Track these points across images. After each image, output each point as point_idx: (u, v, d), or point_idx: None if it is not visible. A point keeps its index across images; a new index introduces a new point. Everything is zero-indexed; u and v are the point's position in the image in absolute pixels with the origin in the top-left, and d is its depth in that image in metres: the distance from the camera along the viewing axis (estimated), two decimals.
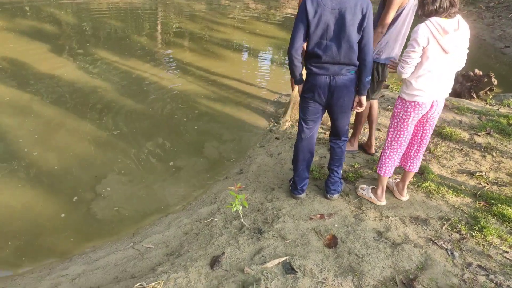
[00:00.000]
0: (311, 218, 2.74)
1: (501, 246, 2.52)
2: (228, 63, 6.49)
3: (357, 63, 2.47)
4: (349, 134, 3.56)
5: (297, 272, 2.20)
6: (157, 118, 4.45)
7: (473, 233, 2.61)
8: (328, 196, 2.95)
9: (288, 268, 2.24)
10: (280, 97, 5.37)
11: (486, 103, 5.38)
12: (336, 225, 2.66)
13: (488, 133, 4.17)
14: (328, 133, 4.22)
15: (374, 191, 2.93)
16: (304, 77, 2.66)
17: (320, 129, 4.33)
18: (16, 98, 4.62)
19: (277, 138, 4.18)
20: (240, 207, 2.50)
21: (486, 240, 2.56)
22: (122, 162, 3.61)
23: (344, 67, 2.47)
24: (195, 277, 2.14)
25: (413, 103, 2.50)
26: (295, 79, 2.65)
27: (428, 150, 3.80)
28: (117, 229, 2.83)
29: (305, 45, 2.52)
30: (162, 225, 2.83)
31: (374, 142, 3.68)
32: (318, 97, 2.58)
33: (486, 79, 5.52)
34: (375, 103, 3.50)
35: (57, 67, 5.59)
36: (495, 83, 5.50)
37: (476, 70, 5.71)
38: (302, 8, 2.37)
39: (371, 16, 2.38)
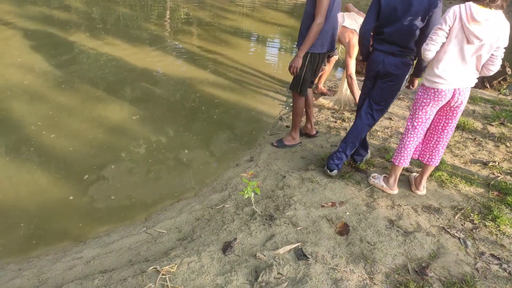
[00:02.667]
0: (323, 206, 2.74)
1: None
2: (237, 50, 6.45)
3: (413, 47, 2.68)
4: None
5: (309, 258, 2.21)
6: (170, 106, 4.44)
7: (486, 222, 2.60)
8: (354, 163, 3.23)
9: (300, 254, 2.25)
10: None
11: (500, 93, 5.30)
12: (347, 213, 2.66)
13: (501, 123, 4.12)
14: (339, 121, 4.20)
15: (386, 179, 2.92)
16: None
17: (331, 117, 4.30)
18: (34, 83, 4.65)
19: (287, 126, 4.16)
20: (252, 194, 2.50)
21: (499, 230, 2.54)
22: (135, 148, 3.63)
23: (399, 48, 2.70)
24: (208, 262, 2.16)
25: (433, 90, 2.46)
26: (363, 56, 2.97)
27: None
28: (130, 214, 2.85)
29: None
30: (174, 211, 2.85)
31: (313, 124, 3.81)
32: (370, 72, 2.88)
33: (500, 69, 5.43)
34: (310, 90, 3.59)
35: (65, 53, 5.59)
36: (510, 72, 5.42)
37: None
38: None
39: (439, 7, 2.54)
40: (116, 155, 3.49)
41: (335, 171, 3.05)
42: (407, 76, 2.85)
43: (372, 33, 2.83)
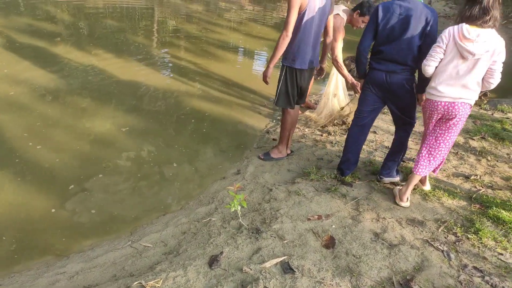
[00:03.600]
0: (309, 219, 2.75)
1: (496, 248, 2.55)
2: (224, 64, 6.51)
3: (413, 64, 2.78)
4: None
5: (295, 272, 2.21)
6: (156, 118, 4.43)
7: (468, 235, 2.65)
8: (378, 177, 3.23)
9: (287, 268, 2.25)
10: None
11: (481, 108, 5.45)
12: (333, 226, 2.68)
13: (482, 137, 4.23)
14: (325, 135, 4.25)
15: (400, 190, 2.98)
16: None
17: (317, 131, 4.35)
18: (20, 94, 4.59)
19: (274, 139, 4.19)
20: (239, 207, 2.50)
21: (482, 242, 2.59)
22: (122, 160, 3.60)
23: (400, 66, 2.79)
24: (194, 276, 2.14)
25: (430, 101, 2.65)
26: (359, 73, 3.05)
27: None
28: (115, 228, 2.82)
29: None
30: (160, 224, 2.83)
31: (289, 144, 3.78)
32: (374, 90, 2.95)
33: None
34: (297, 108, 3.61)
35: (53, 65, 5.55)
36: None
37: None
38: (374, 12, 2.80)
39: (435, 25, 2.69)
40: (102, 167, 3.46)
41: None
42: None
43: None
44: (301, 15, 3.03)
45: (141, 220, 2.92)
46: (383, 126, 4.44)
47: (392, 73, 2.82)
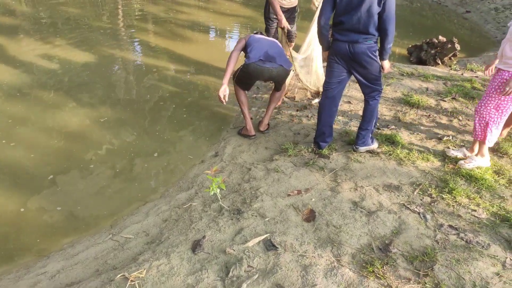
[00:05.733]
0: (289, 195, 2.78)
1: (470, 205, 2.64)
2: (195, 45, 6.36)
3: (375, 32, 2.78)
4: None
5: (278, 248, 2.24)
6: (128, 106, 4.32)
7: (443, 195, 2.73)
8: (354, 147, 3.25)
9: (269, 245, 2.28)
10: None
11: (451, 69, 5.54)
12: (313, 199, 2.71)
13: (453, 98, 4.31)
14: (300, 109, 4.25)
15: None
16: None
17: (292, 106, 4.35)
18: None
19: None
20: (218, 190, 2.50)
21: (456, 201, 2.68)
22: (98, 152, 3.51)
23: (362, 35, 2.79)
24: (178, 263, 2.15)
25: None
26: (323, 46, 3.11)
27: (398, 118, 3.90)
28: (95, 222, 2.78)
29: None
30: (140, 214, 2.80)
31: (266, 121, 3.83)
32: (340, 61, 2.97)
33: (449, 45, 5.66)
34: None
35: (17, 61, 5.31)
36: (458, 48, 5.65)
37: (440, 37, 5.84)
38: None
39: None
40: (77, 161, 3.37)
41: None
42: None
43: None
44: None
45: (121, 212, 2.89)
46: (357, 95, 4.46)
47: (355, 43, 2.83)
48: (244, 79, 3.57)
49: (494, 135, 2.98)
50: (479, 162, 3.04)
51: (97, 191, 3.07)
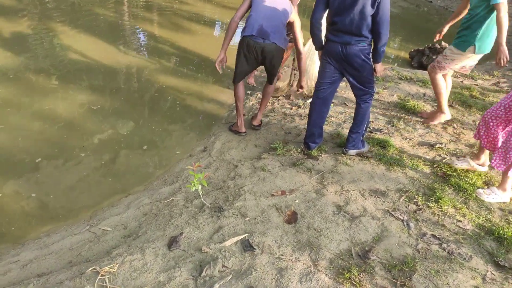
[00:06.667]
0: (273, 195, 2.73)
1: (455, 215, 2.59)
2: (197, 37, 6.30)
3: (368, 35, 2.73)
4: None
5: (255, 249, 2.20)
6: (125, 96, 4.27)
7: (429, 203, 2.67)
8: (344, 150, 3.19)
9: (247, 246, 2.23)
10: None
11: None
12: (297, 201, 2.66)
13: (450, 105, 4.24)
14: (294, 108, 4.19)
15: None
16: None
17: (286, 104, 4.29)
18: None
19: (244, 115, 4.11)
20: (200, 186, 2.46)
21: (442, 210, 2.62)
22: (85, 140, 3.47)
23: (355, 37, 2.74)
24: (152, 259, 2.11)
25: None
26: (316, 45, 3.03)
27: (392, 123, 3.84)
28: (74, 212, 2.73)
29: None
30: (121, 207, 2.76)
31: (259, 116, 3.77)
32: (332, 62, 2.93)
33: None
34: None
35: (16, 40, 5.25)
36: None
37: (443, 43, 5.76)
38: None
39: None
40: (63, 148, 3.32)
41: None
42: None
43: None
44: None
45: (102, 203, 2.84)
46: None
47: (348, 45, 2.79)
48: (237, 59, 3.46)
49: None
50: (501, 197, 2.74)
51: (80, 180, 3.03)
